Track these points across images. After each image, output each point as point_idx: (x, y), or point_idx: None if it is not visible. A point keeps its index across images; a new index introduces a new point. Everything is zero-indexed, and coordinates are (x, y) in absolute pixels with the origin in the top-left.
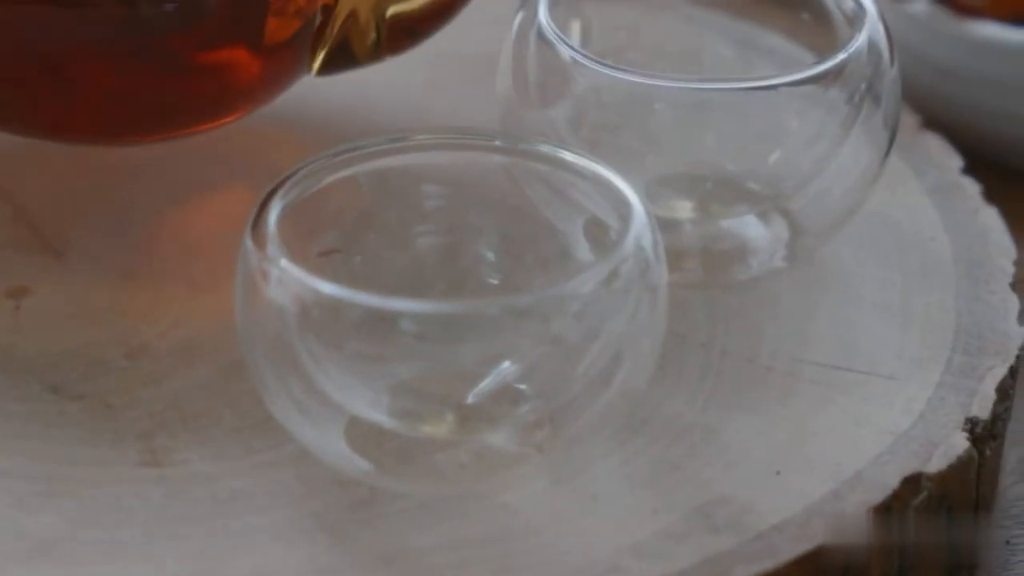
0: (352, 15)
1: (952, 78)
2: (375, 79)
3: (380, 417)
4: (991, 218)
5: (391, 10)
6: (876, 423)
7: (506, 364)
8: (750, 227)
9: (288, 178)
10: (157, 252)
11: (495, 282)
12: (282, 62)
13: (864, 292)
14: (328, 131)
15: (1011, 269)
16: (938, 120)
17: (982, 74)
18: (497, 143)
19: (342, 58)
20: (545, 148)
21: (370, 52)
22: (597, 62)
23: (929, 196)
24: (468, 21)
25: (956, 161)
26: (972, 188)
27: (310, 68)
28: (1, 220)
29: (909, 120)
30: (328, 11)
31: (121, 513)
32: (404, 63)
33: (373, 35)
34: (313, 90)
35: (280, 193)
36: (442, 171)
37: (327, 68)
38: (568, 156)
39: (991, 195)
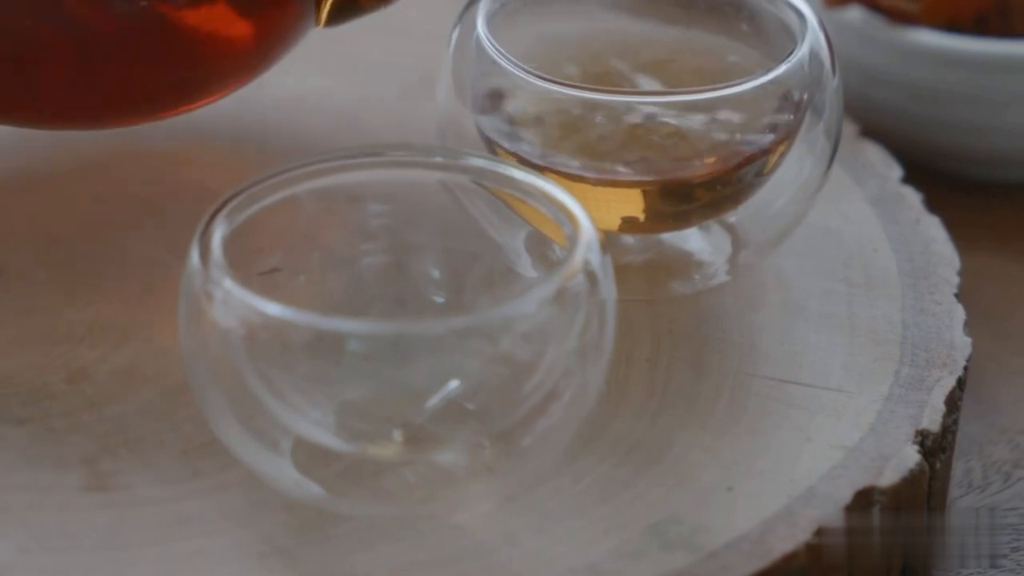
0: None
1: (886, 85)
2: (310, 95)
3: (327, 438)
4: (933, 227)
5: None
6: (826, 437)
7: (454, 383)
8: (692, 240)
9: (230, 199)
10: (94, 275)
11: (440, 300)
12: (288, 14)
13: (808, 304)
14: (265, 150)
15: (955, 279)
16: (872, 128)
17: (916, 81)
18: (438, 159)
19: (348, 5)
20: (487, 163)
21: None
22: (537, 76)
23: (870, 206)
24: (400, 36)
25: (896, 170)
26: (913, 197)
27: (317, 20)
28: None
29: (848, 129)
30: None
31: (68, 539)
32: (338, 78)
33: None
34: (249, 106)
35: (223, 214)
36: (383, 188)
37: (334, 18)
38: (511, 171)
39: (930, 204)
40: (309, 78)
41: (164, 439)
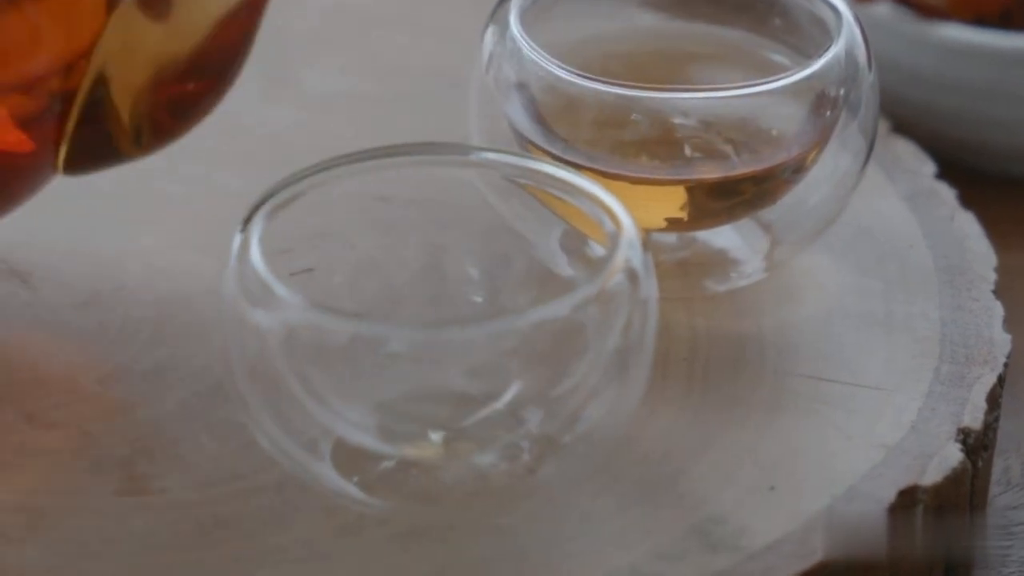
0: (102, 98)
1: (914, 80)
2: (336, 94)
3: (366, 440)
4: (968, 224)
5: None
6: (867, 435)
7: (494, 384)
8: (727, 238)
9: (266, 199)
10: (124, 276)
11: (477, 300)
12: (15, 158)
13: (845, 302)
14: (293, 150)
15: (992, 276)
16: (902, 123)
17: (946, 76)
18: (472, 157)
19: (97, 151)
20: (523, 161)
21: (132, 141)
22: (573, 73)
23: (904, 203)
24: (423, 35)
25: (929, 166)
26: (947, 193)
27: (55, 165)
28: None
29: (880, 125)
30: (69, 96)
31: (104, 544)
32: (362, 77)
33: (132, 120)
34: (274, 107)
35: (260, 214)
36: (417, 187)
37: (75, 164)
38: (549, 169)
39: (963, 200)
40: (333, 77)
41: (199, 441)
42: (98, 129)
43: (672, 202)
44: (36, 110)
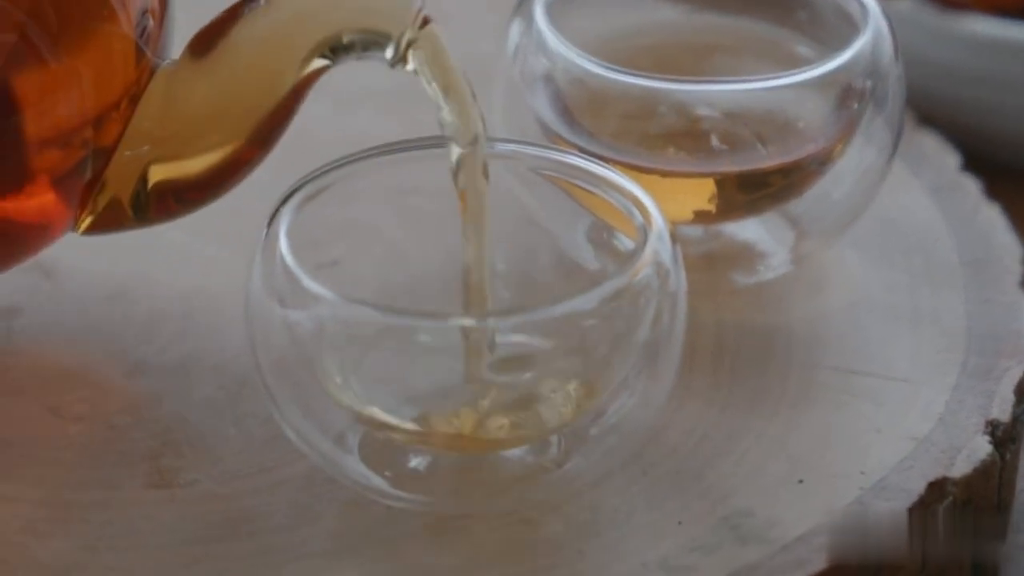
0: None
1: (936, 72)
2: (360, 88)
3: (396, 434)
4: (993, 216)
5: (158, 176)
6: (896, 428)
7: (524, 377)
8: (753, 231)
9: (293, 192)
10: (149, 269)
11: (504, 292)
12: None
13: (871, 295)
14: (319, 143)
15: (1018, 268)
16: (925, 116)
17: (968, 68)
18: (499, 149)
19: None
20: (551, 153)
21: (133, 216)
22: (600, 65)
23: (929, 195)
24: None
25: (953, 159)
26: (972, 186)
27: (75, 227)
28: None
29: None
30: (103, 156)
31: (133, 537)
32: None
33: (135, 197)
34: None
35: (288, 207)
36: (444, 180)
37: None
38: (576, 161)
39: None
40: (358, 71)
41: (226, 434)
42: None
43: (700, 195)
44: (67, 167)
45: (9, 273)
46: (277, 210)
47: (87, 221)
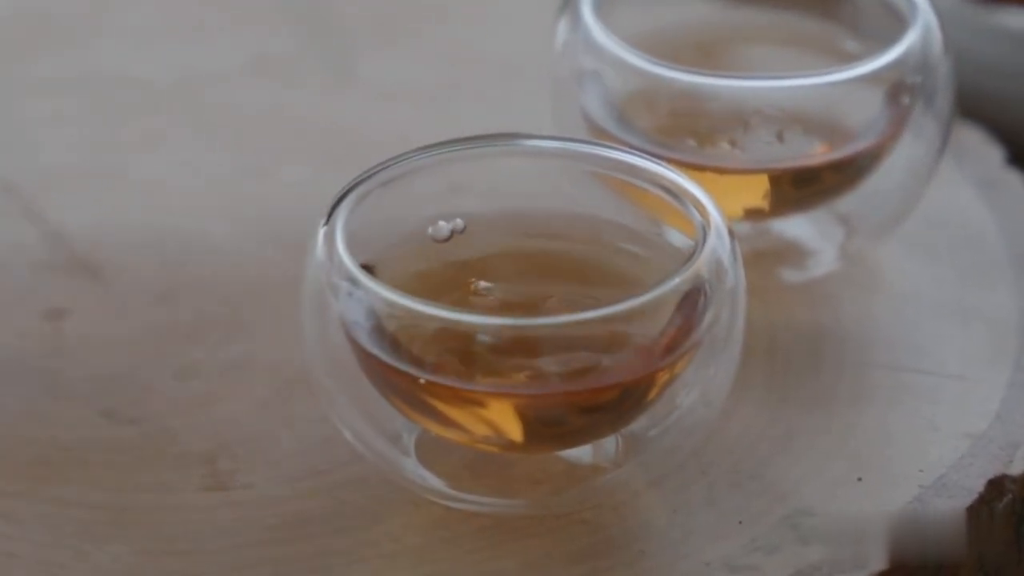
0: None
1: (977, 67)
2: (403, 86)
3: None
4: None
5: None
6: (952, 425)
7: (586, 377)
8: (802, 228)
9: (348, 192)
10: (196, 270)
11: (561, 290)
12: None
13: (920, 292)
14: (363, 143)
15: None
16: (966, 111)
17: (1008, 63)
18: (552, 147)
19: None
20: (605, 152)
21: None
22: (651, 62)
23: (974, 190)
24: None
25: (997, 153)
26: (1016, 181)
27: None
28: (34, 241)
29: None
30: None
31: (191, 540)
32: (429, 69)
33: None
34: (342, 100)
35: (344, 206)
36: (496, 178)
37: None
38: (632, 159)
39: None
40: (399, 68)
41: (279, 437)
42: None
43: (753, 191)
44: None
45: (56, 275)
46: (334, 208)
47: None
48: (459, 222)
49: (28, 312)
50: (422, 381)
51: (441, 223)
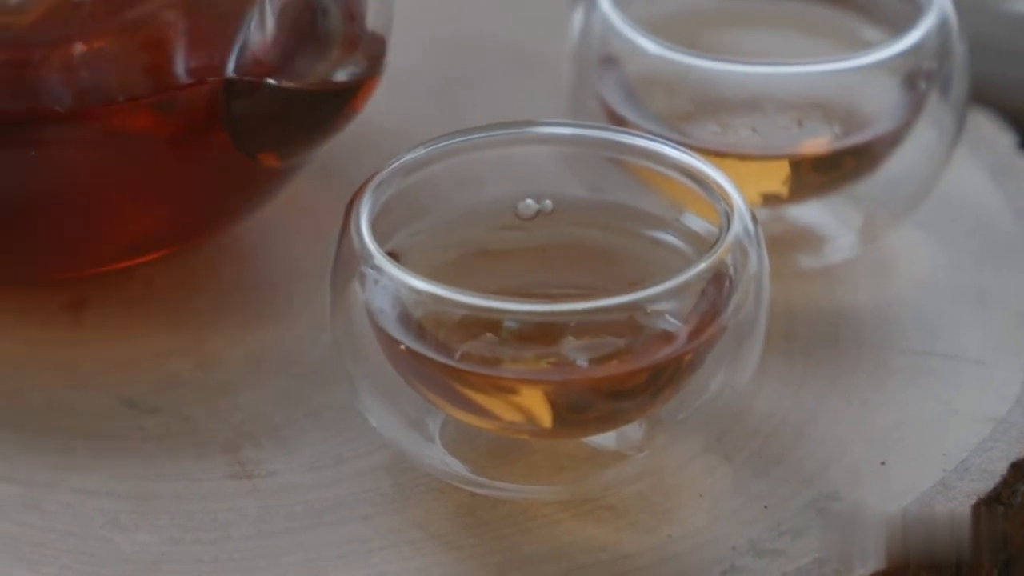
0: None
1: (989, 53)
2: (415, 74)
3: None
4: None
5: None
6: (973, 409)
7: (612, 362)
8: (818, 214)
9: (370, 180)
10: (215, 258)
11: (584, 278)
12: None
13: (937, 277)
14: (383, 132)
15: None
16: (976, 96)
17: (1019, 47)
18: (571, 133)
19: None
20: (624, 137)
21: None
22: (669, 48)
23: (988, 175)
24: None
25: (1008, 137)
26: None
27: None
28: None
29: None
30: None
31: (218, 529)
32: (442, 55)
33: None
34: None
35: (367, 194)
36: (518, 165)
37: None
38: (654, 145)
39: None
40: (414, 57)
41: (301, 425)
42: None
43: (773, 177)
44: None
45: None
46: (356, 196)
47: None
48: (548, 203)
49: (49, 303)
50: (449, 368)
51: (529, 201)
